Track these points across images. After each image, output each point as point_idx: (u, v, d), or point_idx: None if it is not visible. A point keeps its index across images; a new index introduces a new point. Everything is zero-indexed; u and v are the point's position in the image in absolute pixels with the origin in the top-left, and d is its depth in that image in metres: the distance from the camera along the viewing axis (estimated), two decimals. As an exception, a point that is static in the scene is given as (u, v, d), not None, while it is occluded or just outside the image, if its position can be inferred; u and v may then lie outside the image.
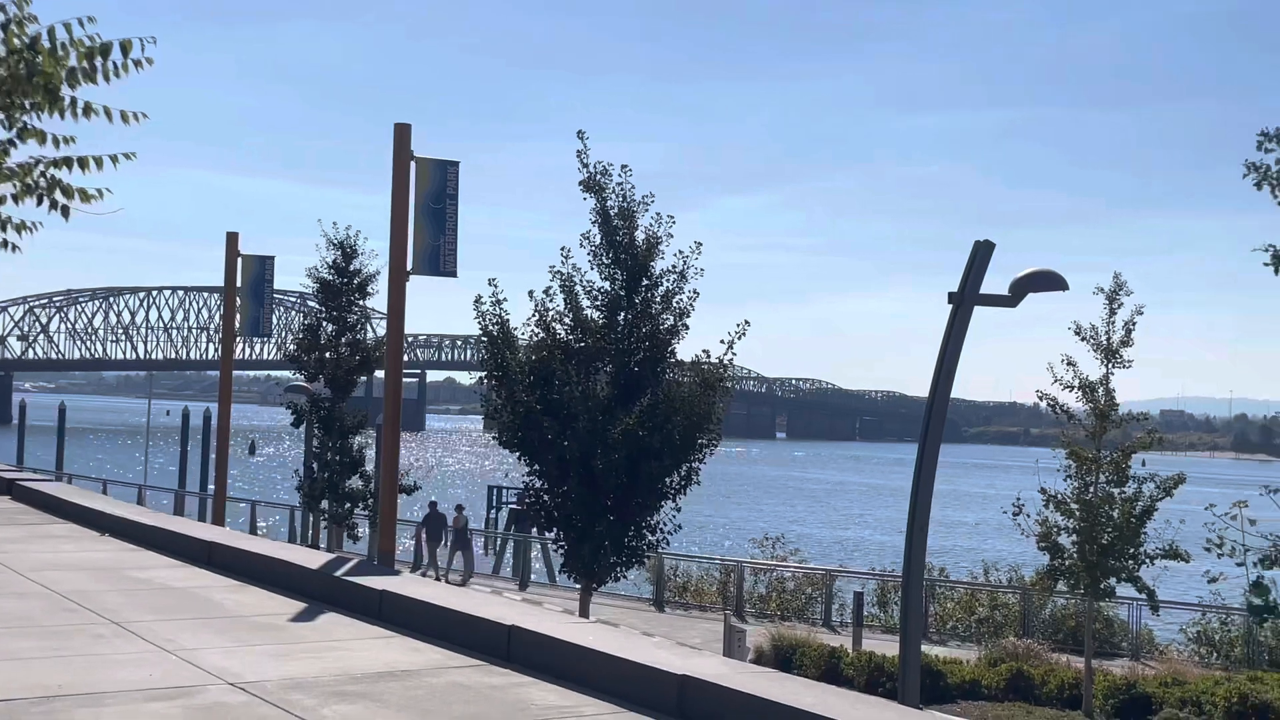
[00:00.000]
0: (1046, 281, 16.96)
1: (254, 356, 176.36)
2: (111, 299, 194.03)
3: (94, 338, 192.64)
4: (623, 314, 21.91)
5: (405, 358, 16.12)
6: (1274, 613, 13.18)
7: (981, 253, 16.13)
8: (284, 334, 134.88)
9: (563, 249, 22.30)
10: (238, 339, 26.08)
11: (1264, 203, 12.62)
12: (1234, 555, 12.84)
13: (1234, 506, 12.70)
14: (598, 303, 22.10)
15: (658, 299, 21.97)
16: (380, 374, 33.01)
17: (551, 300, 22.24)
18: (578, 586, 23.67)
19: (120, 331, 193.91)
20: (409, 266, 14.32)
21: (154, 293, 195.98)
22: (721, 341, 22.22)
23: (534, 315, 22.26)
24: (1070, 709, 22.05)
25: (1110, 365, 23.01)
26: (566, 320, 22.16)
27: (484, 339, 22.59)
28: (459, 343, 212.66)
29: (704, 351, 22.39)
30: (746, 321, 22.54)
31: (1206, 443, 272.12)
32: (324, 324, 33.49)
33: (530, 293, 22.41)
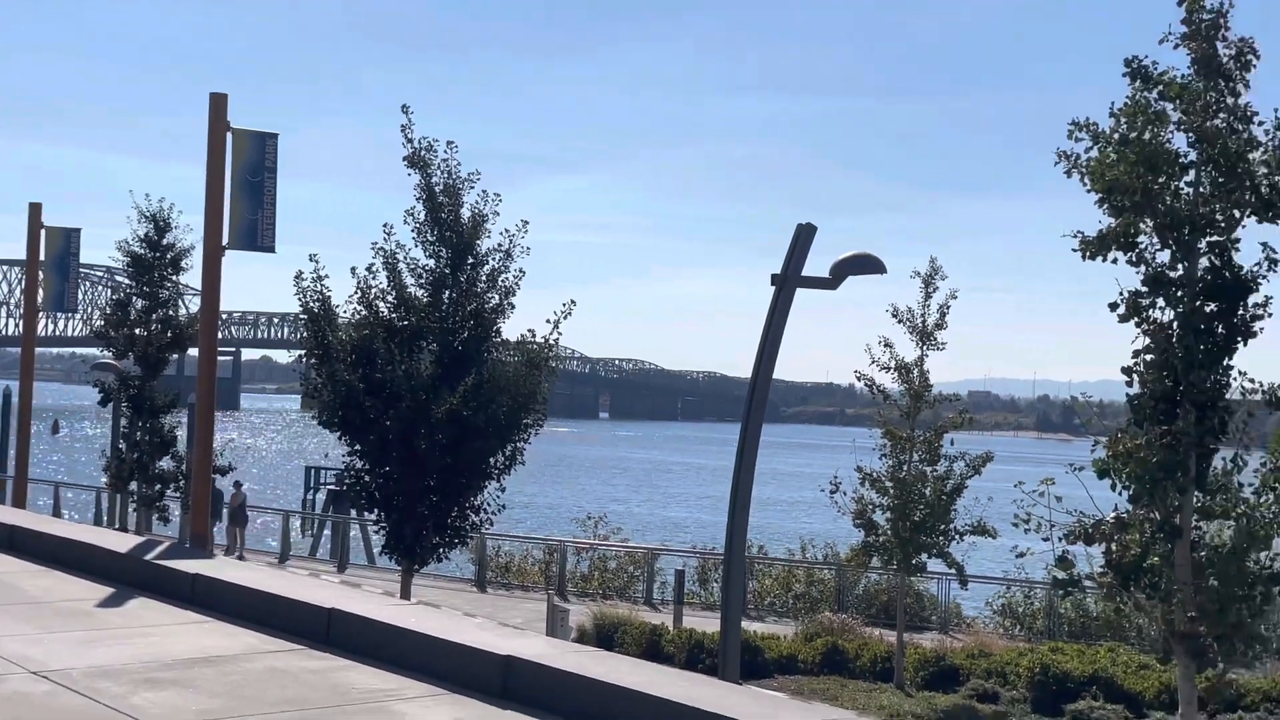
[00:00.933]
0: (865, 265, 17.35)
1: (58, 333, 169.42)
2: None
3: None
4: (448, 292, 21.68)
5: (220, 335, 15.75)
6: (1076, 586, 13.73)
7: (804, 235, 16.40)
8: (90, 310, 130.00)
9: (386, 225, 21.97)
10: (40, 314, 25.02)
11: (1074, 190, 13.11)
12: (1041, 531, 13.30)
13: (1042, 484, 13.15)
14: (422, 280, 21.83)
15: (483, 277, 21.80)
16: (193, 352, 32.02)
17: (374, 277, 21.89)
18: (399, 568, 23.40)
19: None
20: (225, 241, 13.91)
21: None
22: (547, 321, 22.18)
23: (356, 293, 21.88)
24: (883, 681, 22.67)
25: (925, 347, 23.67)
26: (390, 298, 21.82)
27: (304, 316, 22.11)
28: (276, 320, 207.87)
29: (529, 331, 22.32)
30: (572, 301, 22.53)
31: (1011, 422, 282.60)
32: (134, 299, 32.31)
33: (353, 269, 22.03)
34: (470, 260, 21.72)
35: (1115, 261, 13.14)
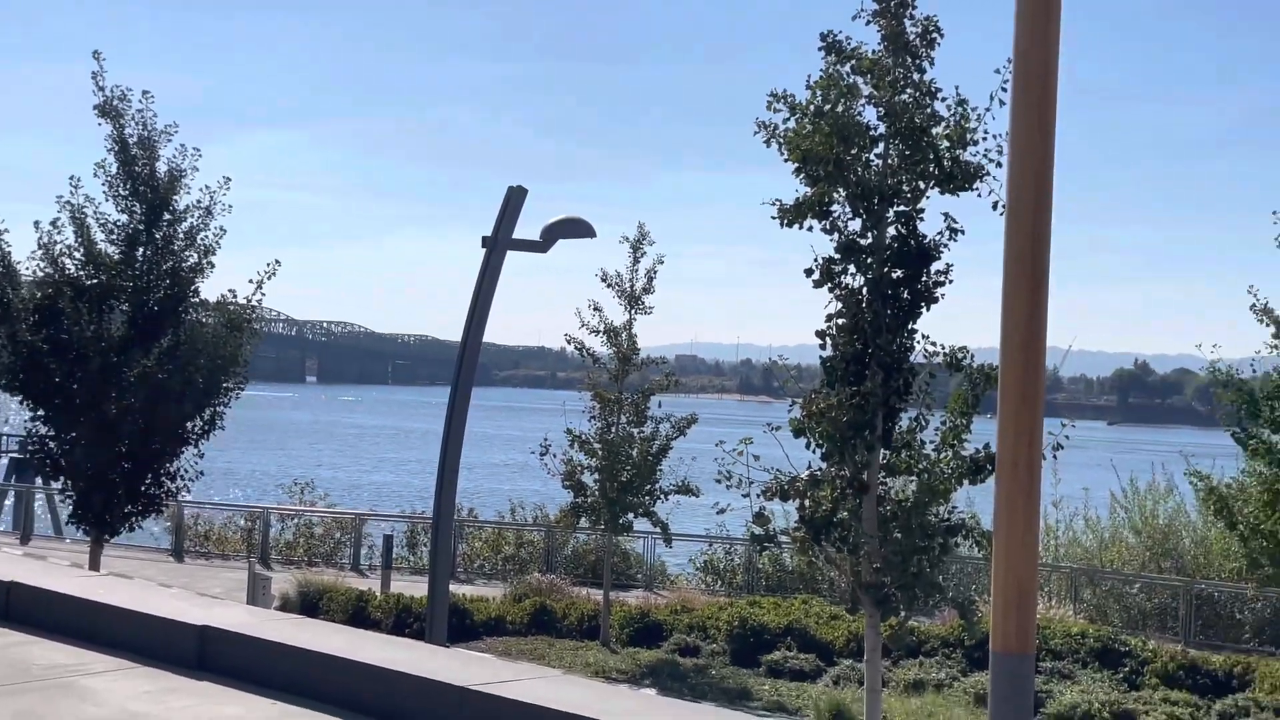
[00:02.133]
0: (575, 229, 17.50)
1: None
2: None
3: None
4: (141, 250, 20.71)
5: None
6: (773, 541, 14.29)
7: (514, 198, 16.39)
8: None
9: (72, 178, 20.78)
10: None
11: (774, 159, 13.54)
12: (740, 489, 13.78)
13: (741, 443, 13.62)
14: (114, 237, 20.78)
15: (180, 235, 20.92)
16: None
17: (60, 233, 20.69)
18: (88, 538, 22.30)
19: None
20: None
21: None
22: (250, 281, 21.48)
23: (39, 249, 20.63)
24: (589, 640, 23.08)
25: (633, 311, 24.09)
26: (77, 255, 20.68)
27: (-21, 273, 20.69)
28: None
29: (229, 291, 21.55)
30: (276, 261, 21.88)
31: (716, 385, 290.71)
32: None
33: (36, 224, 20.74)
34: (167, 216, 20.80)
35: (811, 229, 13.69)
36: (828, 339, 13.54)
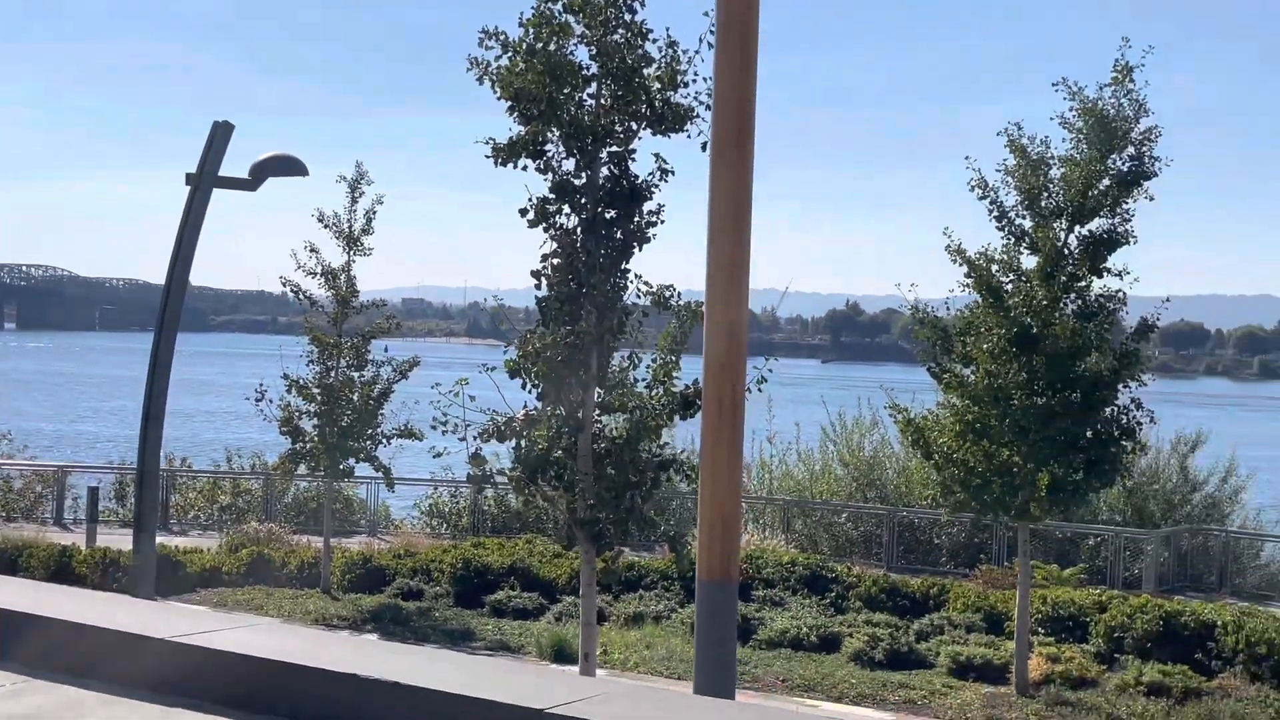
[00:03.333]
0: (286, 166, 16.95)
1: None
2: None
3: None
4: None
5: None
6: (490, 481, 14.32)
7: (220, 134, 15.76)
8: None
9: None
10: None
11: (496, 100, 13.40)
12: (458, 431, 13.72)
13: (457, 384, 13.55)
14: None
15: None
16: None
17: None
18: None
19: None
20: None
21: None
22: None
23: None
24: (310, 587, 22.67)
25: (352, 253, 23.55)
26: None
27: None
28: None
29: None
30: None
31: (444, 329, 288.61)
32: None
33: None
34: None
35: (526, 168, 13.65)
36: (543, 279, 13.56)
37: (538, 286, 13.66)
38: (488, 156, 13.56)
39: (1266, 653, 17.22)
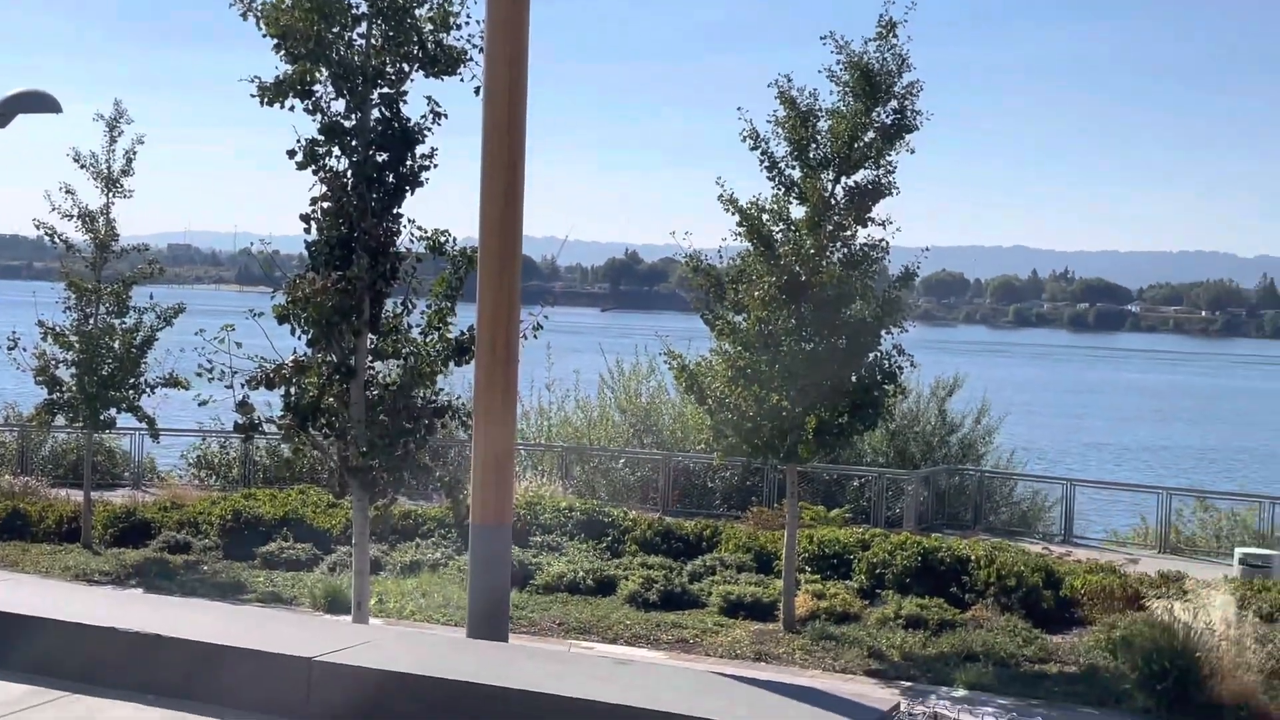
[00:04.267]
0: (37, 103, 16.04)
1: None
2: None
3: None
4: None
5: None
6: (257, 430, 13.99)
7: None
8: None
9: None
10: None
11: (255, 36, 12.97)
12: (224, 379, 13.35)
13: (222, 330, 13.17)
14: None
15: None
16: None
17: None
18: None
19: None
20: None
21: None
22: None
23: None
24: (70, 542, 21.83)
25: (111, 194, 22.59)
26: None
27: None
28: None
29: None
30: None
31: (213, 275, 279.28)
32: None
33: None
34: None
35: (294, 109, 13.29)
36: (313, 223, 13.27)
37: (307, 231, 13.36)
38: (253, 96, 13.17)
39: (1015, 585, 18.24)
